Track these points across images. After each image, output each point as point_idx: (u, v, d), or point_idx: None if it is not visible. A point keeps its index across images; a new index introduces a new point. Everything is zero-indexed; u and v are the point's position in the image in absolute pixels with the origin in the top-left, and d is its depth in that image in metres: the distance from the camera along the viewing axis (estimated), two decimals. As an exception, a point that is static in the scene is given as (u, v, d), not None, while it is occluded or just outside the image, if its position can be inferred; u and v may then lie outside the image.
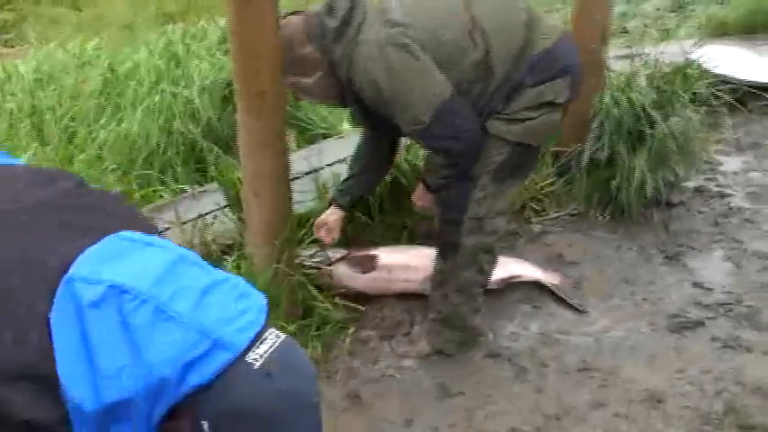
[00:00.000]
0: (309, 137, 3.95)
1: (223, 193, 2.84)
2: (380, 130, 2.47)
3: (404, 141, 2.78)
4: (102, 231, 0.90)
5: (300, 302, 2.53)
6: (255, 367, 0.83)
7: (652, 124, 3.07)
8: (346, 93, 2.22)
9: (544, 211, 3.30)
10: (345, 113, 3.62)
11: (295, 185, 2.54)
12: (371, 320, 2.70)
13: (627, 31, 7.06)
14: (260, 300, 0.91)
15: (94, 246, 0.87)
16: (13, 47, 6.46)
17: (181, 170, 3.70)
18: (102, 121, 3.95)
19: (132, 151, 3.79)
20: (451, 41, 2.08)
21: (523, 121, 2.14)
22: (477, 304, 2.46)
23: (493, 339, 2.59)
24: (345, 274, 2.71)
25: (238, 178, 2.69)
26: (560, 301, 2.77)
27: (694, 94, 3.46)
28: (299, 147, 3.65)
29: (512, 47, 2.10)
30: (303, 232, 2.68)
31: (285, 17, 2.20)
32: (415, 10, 2.13)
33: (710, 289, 2.80)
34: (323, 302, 2.58)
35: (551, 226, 3.23)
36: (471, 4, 2.12)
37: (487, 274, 2.43)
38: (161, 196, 3.40)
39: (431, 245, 2.53)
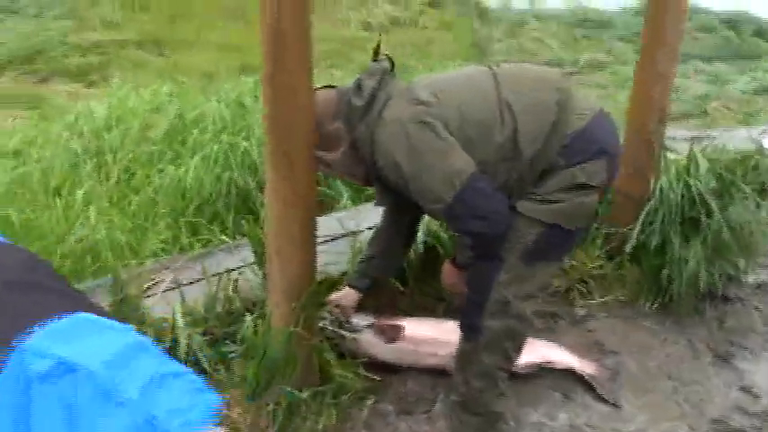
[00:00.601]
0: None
1: (251, 249, 2.82)
2: (404, 211, 2.42)
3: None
4: (61, 309, 0.90)
5: (317, 368, 2.45)
6: None
7: (709, 213, 2.90)
8: (370, 171, 2.18)
9: (590, 294, 3.14)
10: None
11: (330, 246, 2.50)
12: (392, 393, 2.59)
13: (707, 113, 6.86)
14: (212, 399, 0.90)
15: (55, 322, 0.87)
16: (94, 88, 6.77)
17: (232, 219, 3.72)
18: (159, 166, 4.05)
19: (185, 198, 3.86)
20: (478, 120, 2.02)
21: (555, 202, 2.05)
22: (499, 390, 2.33)
23: (515, 427, 2.44)
24: (369, 342, 2.62)
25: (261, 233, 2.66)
26: (594, 392, 2.61)
27: (762, 183, 3.29)
28: (344, 208, 3.62)
29: (542, 126, 2.01)
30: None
31: (317, 90, 2.18)
32: (444, 89, 2.08)
33: (758, 396, 2.59)
34: (341, 369, 2.49)
35: (596, 311, 3.07)
36: (501, 83, 2.06)
37: (512, 359, 2.29)
38: (203, 245, 3.41)
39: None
